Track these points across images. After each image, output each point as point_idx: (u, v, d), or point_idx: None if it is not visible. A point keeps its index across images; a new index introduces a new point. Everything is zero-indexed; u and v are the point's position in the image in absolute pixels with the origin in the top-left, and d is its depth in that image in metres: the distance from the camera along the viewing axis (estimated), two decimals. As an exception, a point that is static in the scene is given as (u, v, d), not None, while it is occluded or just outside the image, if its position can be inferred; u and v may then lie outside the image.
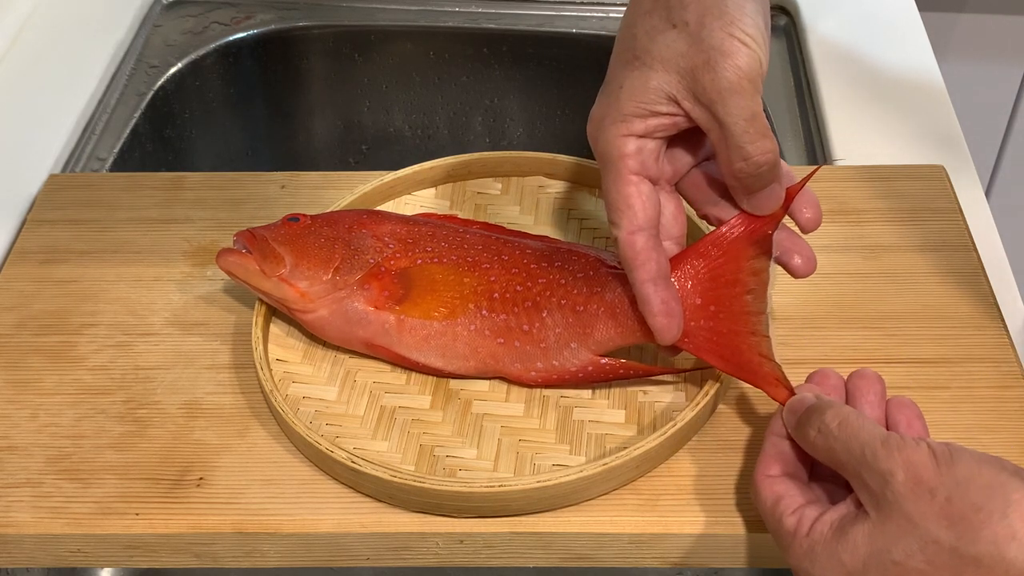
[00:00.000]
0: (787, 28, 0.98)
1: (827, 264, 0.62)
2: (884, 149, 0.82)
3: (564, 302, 0.62)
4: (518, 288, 0.63)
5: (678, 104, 0.57)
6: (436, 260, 0.64)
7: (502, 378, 0.63)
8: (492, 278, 0.63)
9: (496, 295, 0.63)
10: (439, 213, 0.71)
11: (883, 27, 0.94)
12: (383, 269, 0.64)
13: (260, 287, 0.64)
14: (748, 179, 0.57)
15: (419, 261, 0.64)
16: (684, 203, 0.63)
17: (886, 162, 0.79)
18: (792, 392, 0.57)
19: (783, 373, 0.58)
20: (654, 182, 0.59)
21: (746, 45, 0.55)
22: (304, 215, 0.66)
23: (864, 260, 0.71)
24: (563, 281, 0.63)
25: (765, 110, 0.62)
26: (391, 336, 0.63)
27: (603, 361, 0.61)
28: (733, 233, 0.60)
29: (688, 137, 0.60)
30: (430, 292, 0.63)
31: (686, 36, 0.56)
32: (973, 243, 0.71)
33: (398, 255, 0.64)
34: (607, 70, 0.60)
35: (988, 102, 1.38)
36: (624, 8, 0.60)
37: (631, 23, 0.59)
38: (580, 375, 0.62)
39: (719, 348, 0.59)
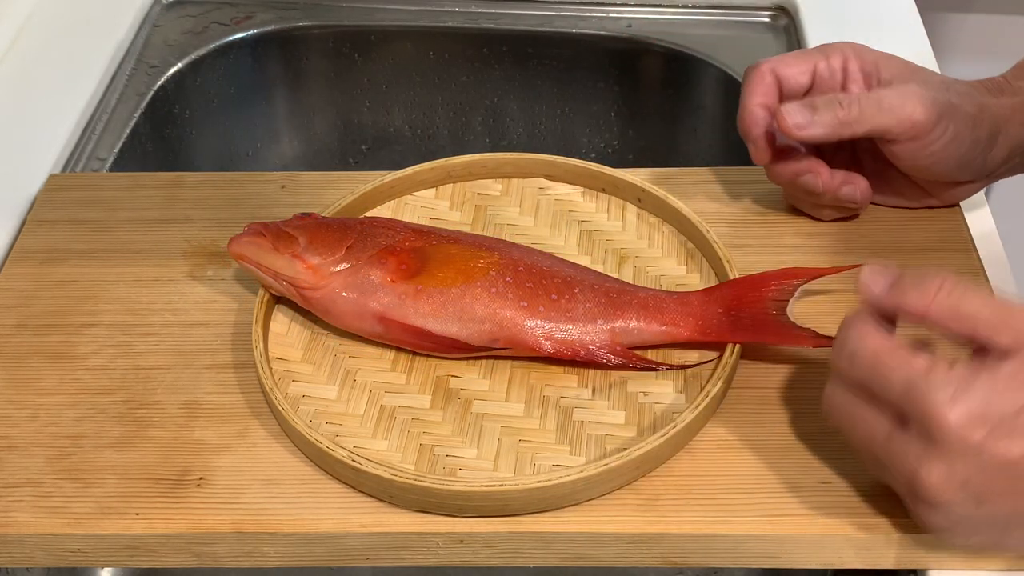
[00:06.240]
0: (787, 28, 0.97)
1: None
2: (884, 149, 0.82)
3: (597, 286, 0.64)
4: (545, 268, 0.64)
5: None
6: (452, 242, 0.65)
7: (510, 352, 0.63)
8: (516, 256, 0.65)
9: (522, 268, 0.64)
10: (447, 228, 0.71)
11: (883, 27, 0.94)
12: (398, 248, 0.64)
13: (272, 266, 0.63)
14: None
15: (434, 242, 0.65)
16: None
17: (886, 162, 0.78)
18: (829, 340, 0.57)
19: (815, 331, 0.61)
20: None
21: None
22: (315, 214, 0.67)
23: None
24: (595, 277, 0.65)
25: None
26: (406, 306, 0.62)
27: (619, 347, 0.62)
28: (764, 276, 0.64)
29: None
30: (448, 264, 0.63)
31: None
32: (973, 243, 0.71)
33: (411, 239, 0.65)
34: None
35: (988, 102, 1.38)
36: (624, 8, 0.60)
37: None
38: (596, 354, 0.62)
39: (744, 327, 0.62)
